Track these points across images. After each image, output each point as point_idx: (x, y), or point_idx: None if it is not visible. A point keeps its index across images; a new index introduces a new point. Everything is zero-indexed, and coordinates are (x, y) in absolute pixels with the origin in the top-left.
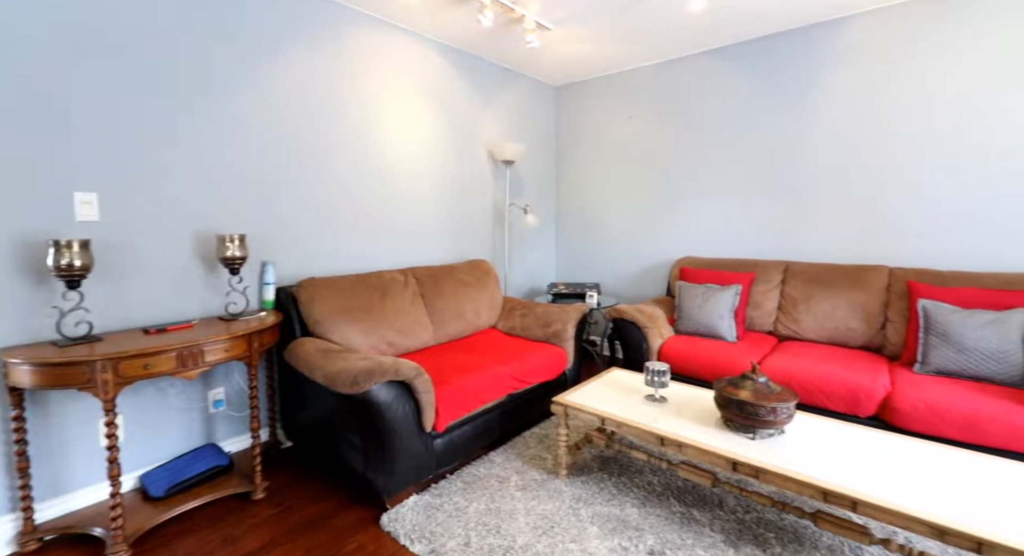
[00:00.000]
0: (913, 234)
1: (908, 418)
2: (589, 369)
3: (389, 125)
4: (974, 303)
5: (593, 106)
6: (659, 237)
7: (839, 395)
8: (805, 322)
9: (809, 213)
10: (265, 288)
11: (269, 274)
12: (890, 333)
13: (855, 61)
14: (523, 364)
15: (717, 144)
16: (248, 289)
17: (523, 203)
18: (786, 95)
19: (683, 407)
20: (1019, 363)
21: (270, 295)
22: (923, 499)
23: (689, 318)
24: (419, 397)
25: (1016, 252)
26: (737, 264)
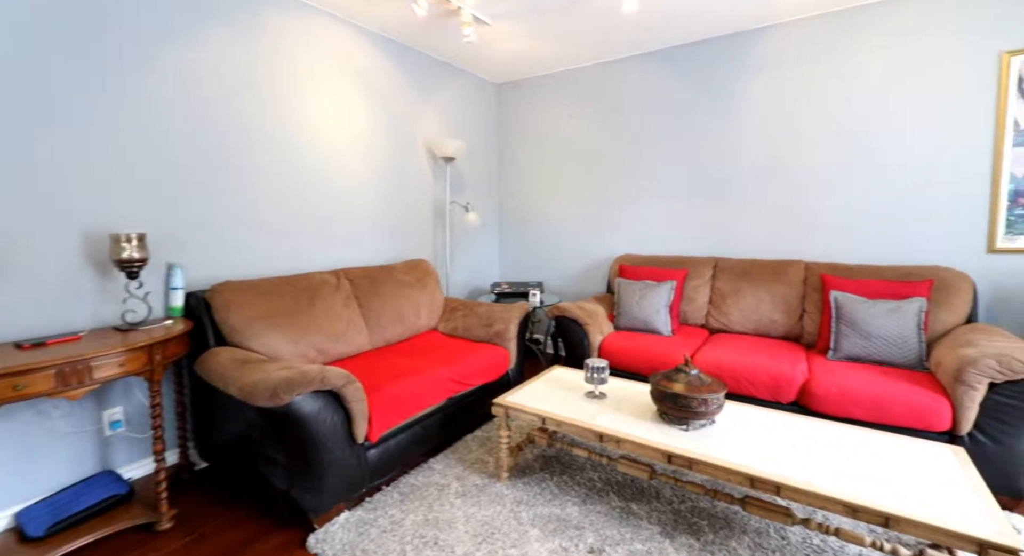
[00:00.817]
0: (826, 231)
1: (824, 402)
2: (533, 368)
3: (321, 118)
4: (878, 294)
5: (535, 104)
6: (600, 235)
7: (764, 383)
8: (733, 315)
9: (736, 211)
10: (172, 293)
11: (177, 278)
12: (807, 323)
13: (774, 69)
14: (464, 366)
15: (654, 145)
16: (151, 295)
17: (464, 201)
18: (715, 99)
19: (622, 402)
20: (915, 347)
21: (178, 301)
22: (837, 480)
23: (628, 314)
24: (349, 407)
25: (913, 247)
26: (672, 261)
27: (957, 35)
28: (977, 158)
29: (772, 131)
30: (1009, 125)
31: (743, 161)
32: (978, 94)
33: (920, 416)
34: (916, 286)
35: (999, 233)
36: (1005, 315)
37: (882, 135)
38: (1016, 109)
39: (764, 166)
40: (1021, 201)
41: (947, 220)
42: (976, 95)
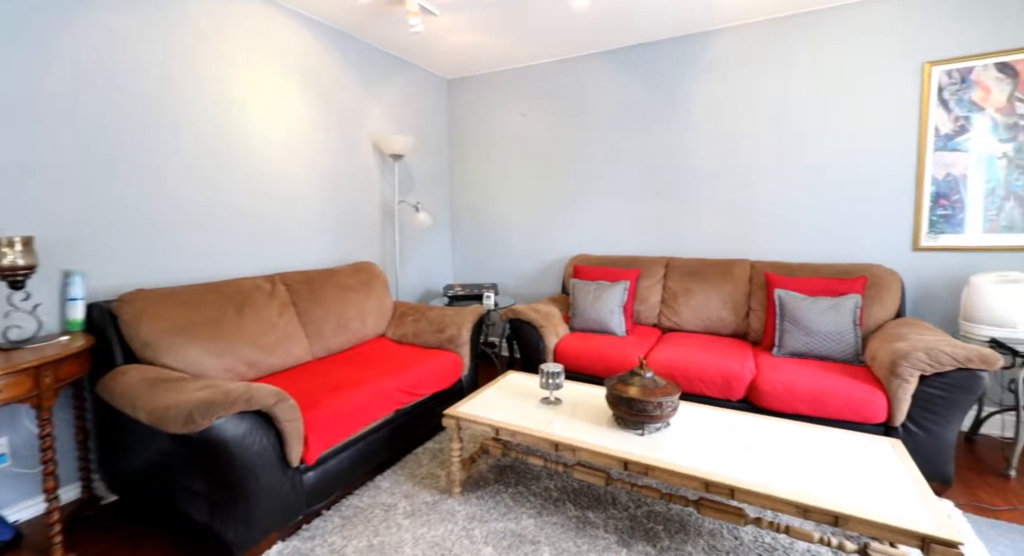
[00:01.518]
0: (770, 230)
1: (770, 399)
2: (488, 373)
3: (255, 109)
4: (817, 291)
5: (487, 101)
6: (555, 235)
7: (715, 382)
8: (684, 314)
9: (687, 211)
10: (70, 305)
11: (76, 287)
12: (753, 321)
13: (721, 72)
14: (414, 375)
15: (607, 145)
16: (42, 308)
17: (414, 200)
18: (666, 100)
19: (578, 407)
20: (852, 342)
21: (78, 314)
22: (788, 480)
23: (583, 315)
24: (282, 427)
25: (848, 245)
26: (625, 261)
27: (884, 45)
28: (903, 162)
29: (720, 132)
30: (931, 131)
31: (693, 161)
32: (904, 101)
33: (859, 410)
34: (851, 283)
35: (923, 232)
36: (928, 309)
37: (818, 138)
38: (936, 116)
39: (713, 167)
40: (942, 202)
41: (878, 220)
42: (902, 102)
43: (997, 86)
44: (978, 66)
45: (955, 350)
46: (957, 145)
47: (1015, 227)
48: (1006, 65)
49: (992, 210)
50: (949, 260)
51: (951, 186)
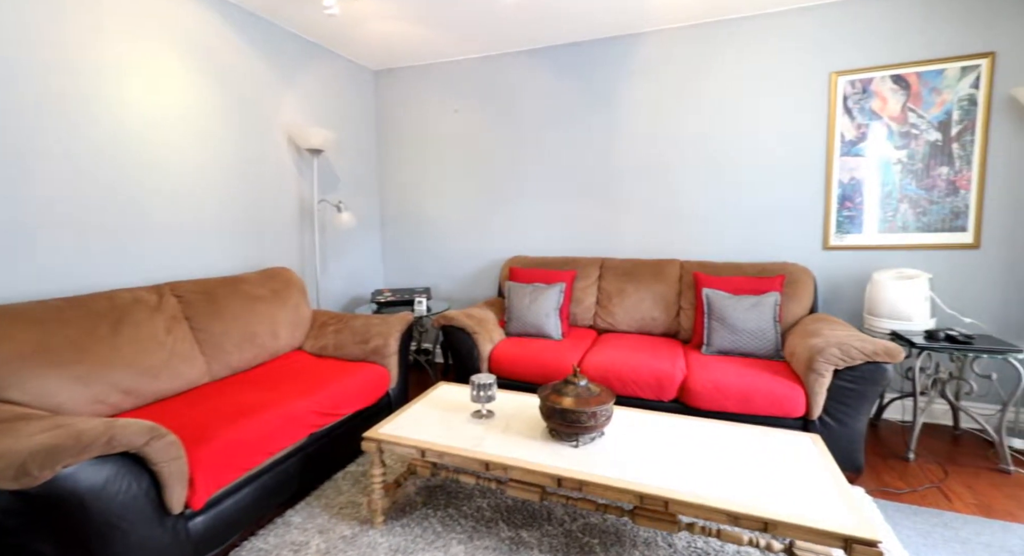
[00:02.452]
0: (698, 230)
1: (700, 398)
2: (422, 382)
3: (132, 87)
4: (741, 289)
5: (418, 96)
6: (491, 236)
7: (648, 384)
8: (619, 315)
9: (620, 212)
10: None
11: None
12: (683, 319)
13: (649, 74)
14: (333, 392)
15: (542, 144)
16: None
17: (336, 199)
18: (598, 100)
19: (511, 420)
20: (773, 339)
21: None
22: (719, 486)
23: (518, 319)
24: (158, 469)
25: (767, 245)
26: (561, 262)
27: (798, 55)
28: (815, 165)
29: (649, 134)
30: (837, 137)
31: (625, 162)
32: (815, 108)
33: (780, 405)
34: (771, 282)
35: (831, 232)
36: (837, 304)
37: (739, 141)
38: (842, 123)
39: (644, 167)
40: (847, 204)
41: (793, 220)
42: (814, 109)
43: (892, 96)
44: (876, 77)
45: (864, 344)
46: (859, 151)
47: (908, 227)
48: (900, 77)
49: (890, 211)
50: (854, 258)
51: (855, 189)
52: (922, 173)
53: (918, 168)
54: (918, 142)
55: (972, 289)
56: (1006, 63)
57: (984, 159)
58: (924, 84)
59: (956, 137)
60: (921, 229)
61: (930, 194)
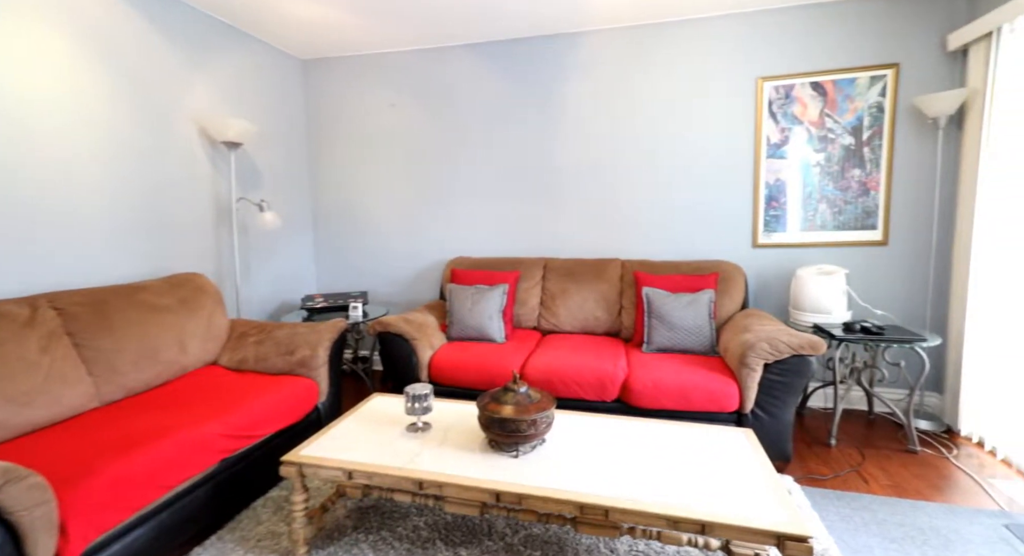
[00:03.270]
0: (637, 229)
1: (641, 397)
2: (359, 393)
3: (4, 72)
4: (678, 287)
5: (353, 89)
6: (432, 237)
7: (591, 385)
8: (562, 315)
9: (563, 211)
10: None
11: None
12: (624, 318)
13: (590, 73)
14: (250, 411)
15: (484, 142)
16: None
17: (258, 198)
18: (540, 98)
19: (449, 431)
20: (708, 335)
21: None
22: (658, 490)
23: (461, 322)
24: (15, 520)
25: (702, 243)
26: (504, 262)
27: (728, 59)
28: (744, 166)
29: (590, 133)
30: (764, 139)
31: (566, 161)
32: (744, 112)
33: (716, 400)
34: (706, 279)
35: (760, 230)
36: (766, 299)
37: (675, 142)
38: (768, 126)
39: (585, 167)
40: (774, 204)
41: (726, 219)
42: (744, 112)
43: (812, 102)
44: (798, 84)
45: (791, 339)
46: (783, 153)
47: (827, 226)
48: (818, 84)
49: (810, 211)
50: (780, 255)
51: (780, 190)
52: (838, 175)
53: (834, 170)
54: (834, 146)
55: (882, 283)
56: (908, 74)
57: (891, 162)
58: (839, 91)
59: (867, 142)
60: (838, 227)
61: (845, 195)
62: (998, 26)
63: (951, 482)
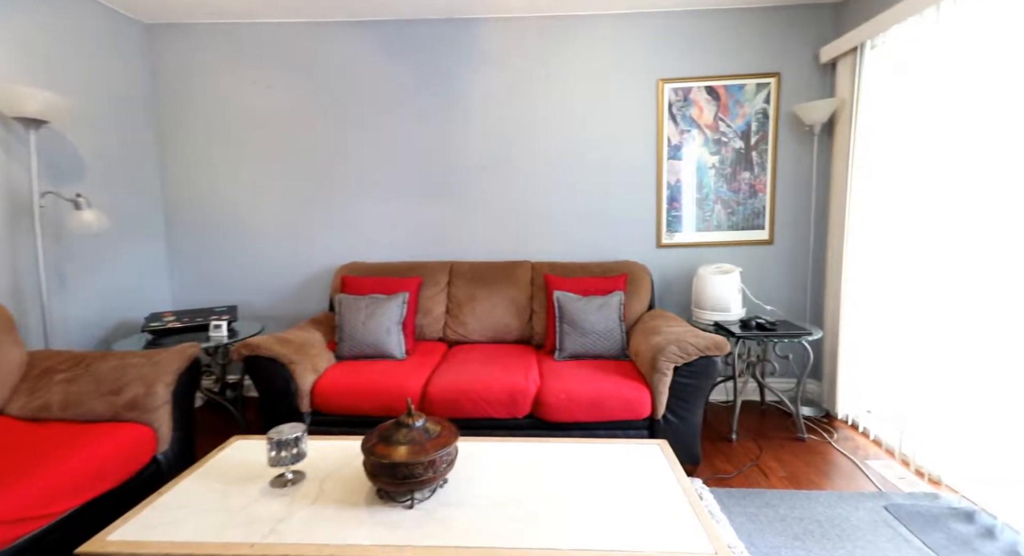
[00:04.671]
0: (547, 230)
1: (554, 411)
2: (228, 431)
3: None
4: (589, 290)
5: (217, 63)
6: (321, 240)
7: (501, 401)
8: (471, 324)
9: (470, 210)
10: None
11: None
12: (536, 324)
13: (498, 63)
14: (40, 482)
15: (379, 134)
16: None
17: (74, 192)
18: (442, 88)
19: (328, 481)
20: (619, 339)
21: None
22: (574, 529)
23: (352, 338)
24: None
25: (610, 244)
26: (405, 268)
27: (630, 60)
28: (648, 167)
29: (498, 128)
30: (665, 141)
31: (474, 157)
32: (647, 112)
33: (629, 408)
34: (615, 281)
35: (663, 231)
36: (670, 299)
37: (582, 140)
38: (668, 128)
39: (493, 163)
40: (675, 205)
41: (632, 220)
42: (647, 113)
43: (707, 106)
44: (695, 87)
45: (698, 340)
46: (682, 155)
47: (722, 226)
48: (712, 89)
49: (707, 212)
50: (682, 255)
51: (680, 191)
52: (731, 177)
53: (728, 173)
54: (727, 149)
55: (770, 280)
56: (788, 83)
57: (775, 166)
58: (730, 96)
59: (755, 146)
60: (731, 227)
61: (737, 196)
62: (862, 42)
63: (835, 467)
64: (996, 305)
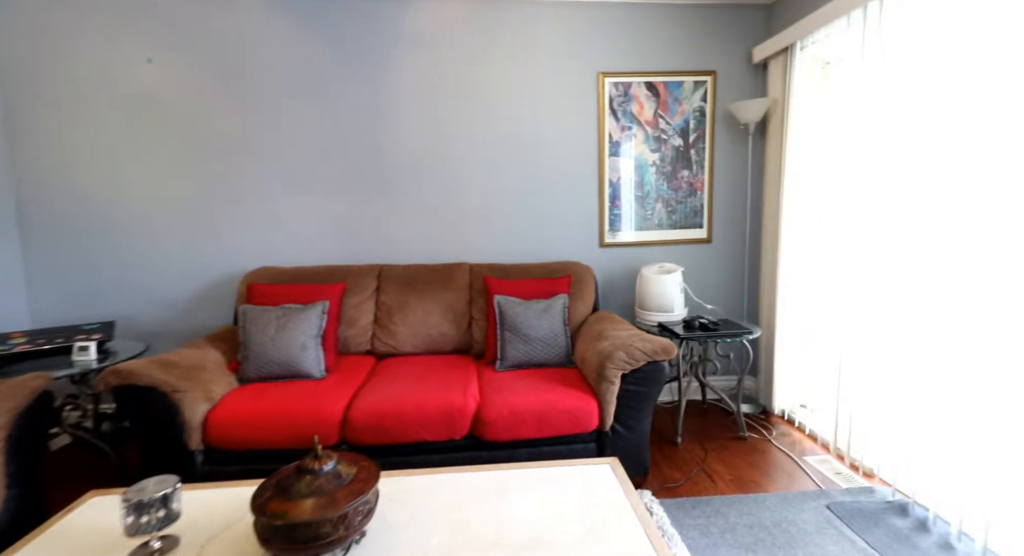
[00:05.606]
0: (486, 229)
1: (496, 429)
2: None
3: None
4: (532, 293)
5: (79, 26)
6: (225, 242)
7: (436, 422)
8: (402, 334)
9: (401, 208)
10: None
11: None
12: (475, 332)
13: (424, 47)
14: None
15: (292, 120)
16: None
17: None
18: (368, 74)
19: (210, 547)
20: (563, 345)
21: None
22: None
23: (259, 356)
24: None
25: (554, 243)
26: (325, 273)
27: (570, 51)
28: (590, 164)
29: (432, 118)
30: (606, 137)
31: (406, 150)
32: (589, 107)
33: (577, 421)
34: (559, 283)
35: (606, 229)
36: (614, 300)
37: (522, 134)
38: (609, 123)
39: (427, 157)
40: (617, 203)
41: (575, 218)
42: (588, 107)
43: (647, 102)
44: (635, 83)
45: (645, 344)
46: (624, 152)
47: (663, 224)
48: (652, 85)
49: (649, 210)
50: (625, 254)
51: (622, 188)
52: (671, 175)
53: (668, 170)
54: (667, 146)
55: (709, 278)
56: (724, 82)
57: (712, 164)
58: (669, 93)
59: (693, 144)
60: (672, 226)
61: (677, 194)
62: (792, 43)
63: (777, 466)
64: (921, 299)
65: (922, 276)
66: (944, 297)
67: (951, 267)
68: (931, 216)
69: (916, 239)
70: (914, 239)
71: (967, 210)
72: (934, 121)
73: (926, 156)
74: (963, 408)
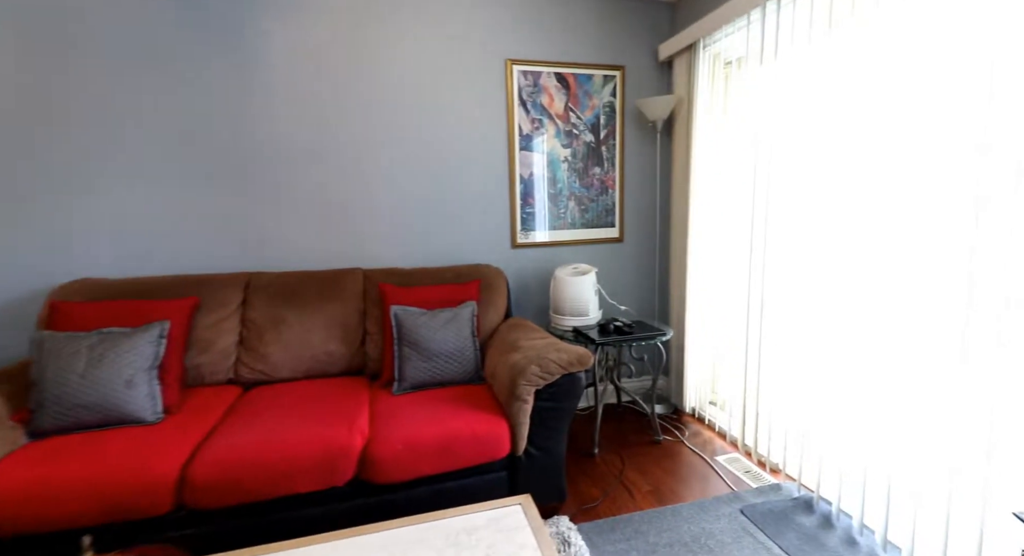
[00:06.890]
0: (385, 231)
1: (389, 469)
2: None
3: None
4: (436, 302)
5: None
6: (26, 248)
7: (311, 469)
8: (276, 356)
9: (274, 205)
10: None
11: None
12: (370, 348)
13: (309, 15)
14: None
15: (130, 96)
16: None
17: None
18: (228, 43)
19: None
20: (472, 359)
21: None
22: None
23: (61, 400)
24: None
25: (462, 245)
26: (171, 285)
27: (475, 32)
28: (501, 160)
29: (315, 100)
30: (516, 129)
31: (281, 138)
32: (497, 95)
33: (485, 449)
34: (467, 289)
35: (518, 229)
36: (527, 304)
37: (424, 122)
38: (520, 115)
39: (308, 145)
40: (530, 200)
41: (485, 217)
42: (496, 95)
43: (557, 94)
44: (544, 73)
45: (560, 355)
46: (535, 146)
47: (576, 224)
48: (562, 76)
49: (562, 208)
50: (538, 255)
51: (534, 185)
52: (583, 172)
53: (580, 167)
54: (578, 142)
55: (621, 279)
56: (632, 78)
57: (622, 162)
58: (580, 87)
59: (604, 140)
60: (585, 225)
61: (590, 192)
62: (695, 40)
63: (691, 470)
64: (824, 296)
65: (824, 274)
66: (845, 294)
67: (851, 265)
68: (829, 215)
69: (817, 238)
70: (815, 238)
71: (861, 209)
72: (830, 121)
73: (824, 156)
74: (858, 403)
